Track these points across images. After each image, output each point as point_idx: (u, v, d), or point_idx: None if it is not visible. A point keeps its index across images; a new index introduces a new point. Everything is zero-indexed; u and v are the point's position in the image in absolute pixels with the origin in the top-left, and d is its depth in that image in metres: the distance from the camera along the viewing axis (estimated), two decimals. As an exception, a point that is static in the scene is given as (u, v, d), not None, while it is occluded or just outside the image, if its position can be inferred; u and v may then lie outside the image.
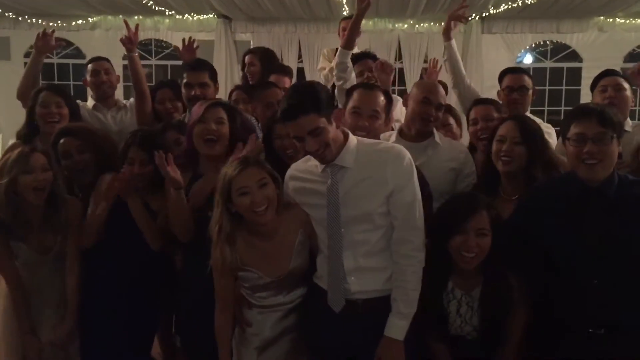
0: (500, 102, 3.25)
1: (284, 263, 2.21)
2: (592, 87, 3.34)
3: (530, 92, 3.40)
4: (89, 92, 3.85)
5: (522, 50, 7.93)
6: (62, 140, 2.80)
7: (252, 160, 2.20)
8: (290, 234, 2.23)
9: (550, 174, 2.51)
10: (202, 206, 2.43)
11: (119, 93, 3.83)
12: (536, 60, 8.24)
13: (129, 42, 3.45)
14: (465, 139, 3.45)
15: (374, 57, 3.92)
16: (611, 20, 7.54)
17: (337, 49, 4.56)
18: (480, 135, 2.94)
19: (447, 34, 3.61)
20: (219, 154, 2.48)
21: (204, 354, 2.43)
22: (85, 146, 2.78)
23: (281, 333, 2.26)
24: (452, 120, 3.32)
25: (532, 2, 6.49)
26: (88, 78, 3.77)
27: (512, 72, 3.50)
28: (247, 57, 4.36)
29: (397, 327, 2.10)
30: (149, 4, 6.78)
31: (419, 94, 2.83)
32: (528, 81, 3.39)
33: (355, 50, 4.46)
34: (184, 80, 3.17)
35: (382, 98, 2.68)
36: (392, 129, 3.12)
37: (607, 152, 2.08)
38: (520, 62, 8.07)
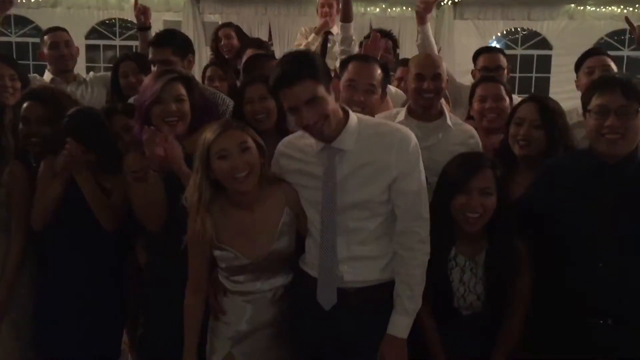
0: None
1: (264, 243, 2.05)
2: (577, 68, 3.21)
3: (505, 71, 3.38)
4: (48, 66, 3.64)
5: (494, 37, 7.95)
6: (26, 104, 2.54)
7: (235, 123, 2.04)
8: (275, 211, 2.07)
9: None
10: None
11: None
12: (507, 47, 8.27)
13: None
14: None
15: (389, 35, 3.86)
16: (582, 8, 7.64)
17: (315, 27, 4.56)
18: (488, 114, 2.81)
19: (422, 18, 3.51)
20: (181, 133, 2.34)
21: (169, 346, 2.31)
22: (48, 119, 2.50)
23: (257, 327, 2.11)
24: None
25: (505, -13, 6.52)
26: (45, 51, 3.56)
27: (488, 52, 3.47)
28: (221, 31, 4.25)
29: (401, 325, 1.98)
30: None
31: (412, 70, 2.68)
32: (503, 60, 3.38)
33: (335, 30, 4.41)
34: (150, 56, 3.01)
35: (379, 71, 2.53)
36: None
37: (631, 127, 1.93)
38: (491, 49, 8.11)
